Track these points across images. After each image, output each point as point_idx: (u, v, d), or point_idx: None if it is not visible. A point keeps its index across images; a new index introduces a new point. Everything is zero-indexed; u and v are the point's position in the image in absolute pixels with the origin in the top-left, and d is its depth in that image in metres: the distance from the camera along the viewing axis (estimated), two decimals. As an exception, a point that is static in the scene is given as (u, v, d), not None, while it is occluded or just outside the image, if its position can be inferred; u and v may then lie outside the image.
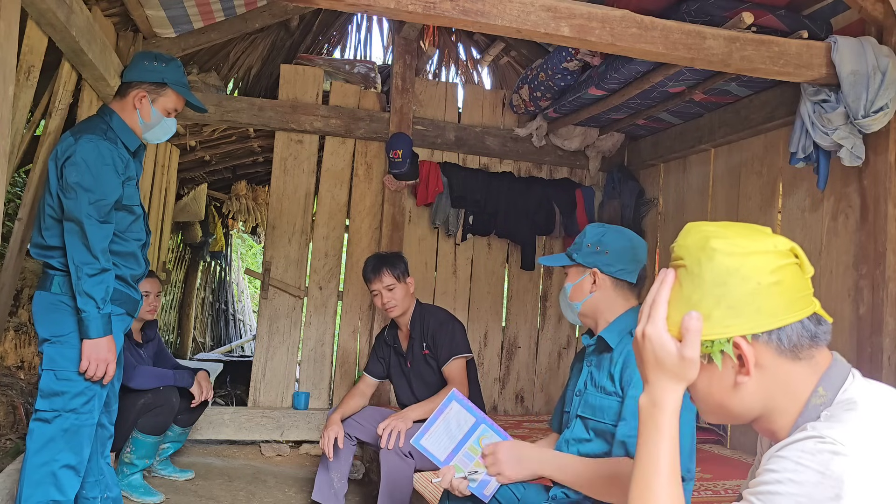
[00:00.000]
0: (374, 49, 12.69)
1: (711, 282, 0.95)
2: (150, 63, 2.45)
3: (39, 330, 2.29)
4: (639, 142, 4.83)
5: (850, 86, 2.74)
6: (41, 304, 2.29)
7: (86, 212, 2.21)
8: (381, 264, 3.13)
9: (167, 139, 2.66)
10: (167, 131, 2.57)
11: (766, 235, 1.00)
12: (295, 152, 4.52)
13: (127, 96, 2.45)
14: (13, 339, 3.55)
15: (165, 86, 2.47)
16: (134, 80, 2.45)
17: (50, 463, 2.22)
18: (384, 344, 3.31)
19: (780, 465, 0.88)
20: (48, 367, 2.24)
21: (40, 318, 2.29)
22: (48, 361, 2.25)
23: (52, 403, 2.24)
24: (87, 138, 2.28)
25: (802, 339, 0.96)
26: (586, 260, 1.90)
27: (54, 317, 2.27)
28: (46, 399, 2.24)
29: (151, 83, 2.45)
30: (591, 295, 1.90)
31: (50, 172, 2.32)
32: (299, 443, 4.36)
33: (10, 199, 3.86)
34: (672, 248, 1.04)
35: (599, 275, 1.88)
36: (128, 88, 2.45)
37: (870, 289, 2.90)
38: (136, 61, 2.47)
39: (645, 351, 0.99)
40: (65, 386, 2.24)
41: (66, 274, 2.27)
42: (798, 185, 3.48)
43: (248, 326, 10.74)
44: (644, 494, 0.96)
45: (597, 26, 2.57)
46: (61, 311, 2.26)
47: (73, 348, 2.24)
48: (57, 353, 2.24)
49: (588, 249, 1.91)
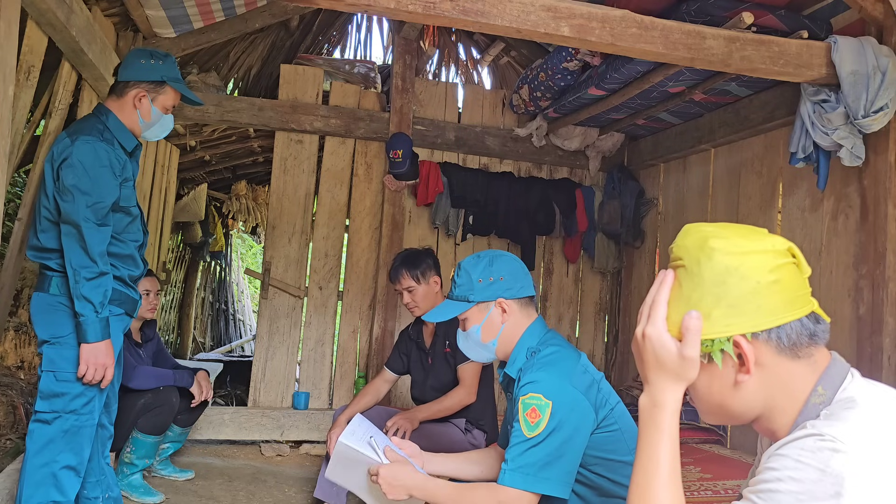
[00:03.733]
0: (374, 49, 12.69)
1: (711, 281, 0.96)
2: (147, 61, 2.40)
3: (38, 331, 2.27)
4: (639, 142, 4.83)
5: (850, 86, 2.74)
6: (39, 305, 2.27)
7: (83, 215, 2.17)
8: (402, 266, 3.02)
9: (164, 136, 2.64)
10: (165, 129, 2.54)
11: (764, 235, 1.00)
12: (295, 152, 4.53)
13: (125, 96, 2.40)
14: (13, 339, 3.55)
15: (164, 84, 2.43)
16: (132, 80, 2.40)
17: (50, 464, 2.21)
18: (408, 338, 3.25)
19: (781, 464, 0.88)
20: (48, 368, 2.22)
21: (39, 319, 2.27)
22: (48, 363, 2.23)
23: (53, 405, 2.22)
24: (84, 139, 2.24)
25: (802, 338, 0.96)
26: (485, 295, 1.85)
27: (53, 318, 2.25)
28: (46, 400, 2.22)
29: (150, 82, 2.41)
30: (503, 326, 1.85)
31: (46, 174, 2.28)
32: (299, 443, 4.36)
33: (10, 199, 3.86)
34: (671, 248, 1.05)
35: (505, 302, 1.84)
36: (125, 88, 2.40)
37: (870, 289, 2.90)
38: (131, 60, 2.41)
39: (645, 351, 0.99)
40: (65, 387, 2.22)
41: (63, 275, 2.24)
42: (798, 185, 3.48)
43: (248, 326, 10.74)
44: (644, 494, 0.96)
45: (597, 26, 2.58)
46: (60, 312, 2.24)
47: (72, 349, 2.22)
48: (56, 355, 2.23)
49: (481, 285, 1.86)
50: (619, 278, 4.98)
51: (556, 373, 1.69)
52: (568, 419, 1.65)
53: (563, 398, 1.65)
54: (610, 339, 5.02)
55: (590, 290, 5.02)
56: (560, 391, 1.66)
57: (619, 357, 4.88)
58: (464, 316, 1.89)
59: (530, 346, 1.82)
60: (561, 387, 1.67)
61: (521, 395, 1.68)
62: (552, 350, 1.78)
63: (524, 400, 1.66)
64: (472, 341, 1.90)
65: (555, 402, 1.64)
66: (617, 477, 1.73)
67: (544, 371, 1.70)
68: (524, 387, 1.69)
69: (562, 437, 1.63)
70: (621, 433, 1.75)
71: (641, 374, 1.01)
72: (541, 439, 1.62)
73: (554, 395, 1.65)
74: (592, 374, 1.79)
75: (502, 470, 1.65)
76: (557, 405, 1.64)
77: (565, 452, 1.64)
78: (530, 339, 1.84)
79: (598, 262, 4.88)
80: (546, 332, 1.87)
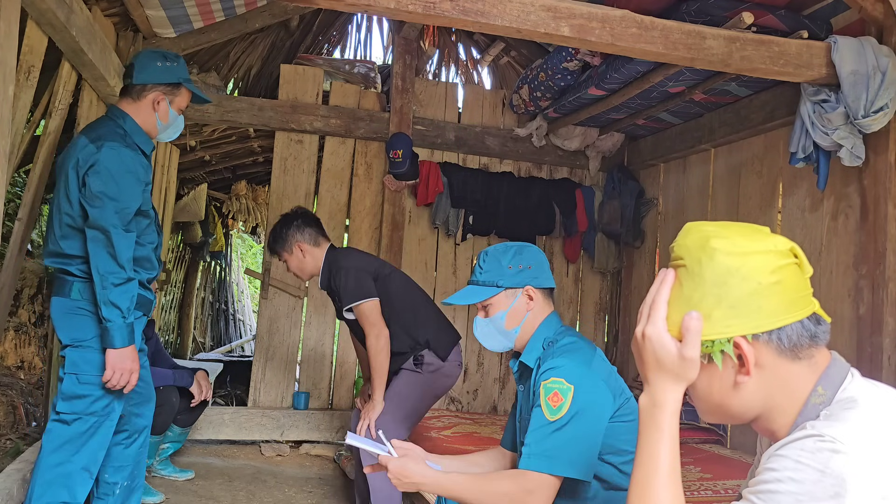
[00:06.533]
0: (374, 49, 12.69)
1: (712, 281, 0.95)
2: (164, 63, 2.41)
3: (60, 335, 2.29)
4: (639, 142, 4.83)
5: (850, 86, 2.73)
6: (61, 309, 2.29)
7: (111, 221, 2.19)
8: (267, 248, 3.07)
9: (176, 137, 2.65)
10: (178, 129, 2.56)
11: (766, 235, 0.99)
12: (295, 152, 4.53)
13: (143, 98, 2.40)
14: (13, 339, 3.55)
15: (180, 85, 2.45)
16: (149, 83, 2.40)
17: (64, 464, 2.23)
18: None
19: (780, 464, 0.88)
20: (71, 370, 2.25)
21: (61, 323, 2.28)
22: (71, 365, 2.25)
23: (74, 406, 2.24)
24: (110, 146, 2.25)
25: (802, 339, 0.96)
26: (515, 281, 1.86)
27: (75, 322, 2.27)
28: (68, 402, 2.24)
29: (167, 84, 2.42)
30: (528, 314, 1.87)
31: (70, 181, 2.27)
32: (299, 443, 4.36)
33: (10, 199, 3.86)
34: (671, 247, 1.04)
35: (532, 290, 1.86)
36: (143, 91, 2.40)
37: (870, 289, 2.90)
38: (146, 62, 2.41)
39: (645, 351, 0.98)
40: (87, 390, 2.24)
41: (85, 280, 2.26)
42: (798, 185, 3.48)
43: (248, 326, 10.74)
44: (644, 494, 0.96)
45: (597, 26, 2.57)
46: (82, 316, 2.26)
47: (95, 353, 2.25)
48: (80, 358, 2.25)
49: (511, 271, 1.87)
50: (619, 278, 4.98)
51: (578, 359, 1.71)
52: (590, 404, 1.66)
53: (585, 383, 1.66)
54: (610, 339, 5.02)
55: (590, 290, 5.02)
56: (582, 376, 1.67)
57: (619, 357, 4.88)
58: (488, 302, 1.88)
59: (547, 337, 1.83)
60: (583, 372, 1.68)
61: (543, 379, 1.69)
62: (571, 340, 1.80)
63: (546, 385, 1.67)
64: (493, 328, 1.90)
65: (577, 386, 1.65)
66: (627, 469, 1.73)
67: (566, 357, 1.71)
68: (546, 372, 1.70)
69: (584, 422, 1.64)
70: (635, 425, 1.75)
71: (641, 373, 1.01)
72: (563, 423, 1.63)
73: (576, 379, 1.66)
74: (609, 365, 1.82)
75: (524, 454, 1.65)
76: (580, 389, 1.65)
77: (588, 436, 1.64)
78: (547, 329, 1.85)
79: (598, 262, 4.88)
80: (561, 325, 1.89)
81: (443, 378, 2.96)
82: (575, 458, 1.63)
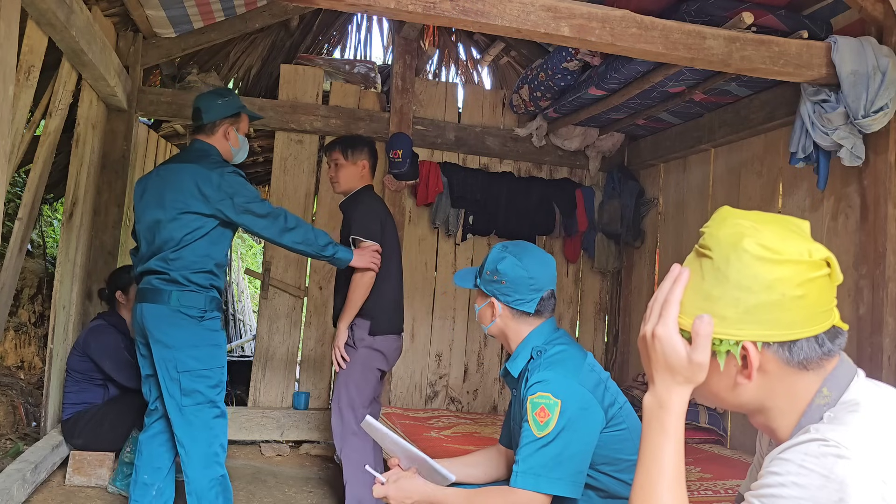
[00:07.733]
0: (374, 49, 12.67)
1: (736, 283, 0.92)
2: (223, 100, 2.83)
3: (162, 339, 2.58)
4: (639, 142, 4.83)
5: (850, 86, 2.73)
6: (159, 316, 2.58)
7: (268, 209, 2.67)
8: (338, 142, 3.21)
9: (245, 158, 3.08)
10: (246, 151, 2.96)
11: (803, 239, 0.95)
12: (295, 152, 4.52)
13: (216, 133, 2.81)
14: (13, 339, 3.55)
15: (240, 113, 2.87)
16: (217, 119, 2.80)
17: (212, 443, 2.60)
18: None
19: (784, 468, 0.87)
20: (183, 369, 2.57)
21: (161, 329, 2.58)
22: (181, 365, 2.57)
23: (195, 399, 2.58)
24: (225, 170, 2.66)
25: (813, 354, 0.94)
26: (487, 287, 1.85)
27: (176, 328, 2.58)
28: (188, 396, 2.58)
29: (230, 115, 2.83)
30: (493, 322, 1.86)
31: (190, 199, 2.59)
32: (299, 443, 4.36)
33: (10, 199, 3.86)
34: (702, 231, 1.00)
35: (497, 303, 1.83)
36: (214, 126, 2.80)
37: (870, 289, 2.90)
38: (209, 103, 2.80)
39: (653, 351, 0.96)
40: (198, 384, 2.58)
41: (183, 288, 2.58)
42: (798, 185, 3.48)
43: (248, 326, 10.73)
44: (647, 496, 0.94)
45: (597, 26, 2.57)
46: (180, 319, 2.58)
47: (196, 349, 2.58)
48: (187, 357, 2.57)
49: (487, 276, 1.85)
50: (619, 278, 4.98)
51: (564, 372, 1.69)
52: (577, 418, 1.64)
53: (571, 397, 1.65)
54: (610, 339, 5.02)
55: (590, 290, 5.02)
56: (569, 390, 1.65)
57: (619, 357, 4.88)
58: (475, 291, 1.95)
59: (536, 346, 1.81)
60: (569, 386, 1.66)
61: (530, 394, 1.67)
62: (559, 349, 1.77)
63: (533, 399, 1.66)
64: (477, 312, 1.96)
65: (564, 400, 1.63)
66: (624, 476, 1.73)
67: (552, 370, 1.69)
68: (532, 386, 1.69)
69: (572, 436, 1.63)
70: (629, 432, 1.74)
71: (647, 372, 0.99)
72: (550, 439, 1.62)
73: (563, 393, 1.64)
74: (599, 374, 1.78)
75: (514, 471, 1.65)
76: (566, 404, 1.63)
77: (576, 451, 1.63)
78: (537, 338, 1.83)
79: (598, 262, 4.88)
80: (554, 332, 1.85)
81: (373, 353, 3.04)
82: (563, 475, 1.62)
